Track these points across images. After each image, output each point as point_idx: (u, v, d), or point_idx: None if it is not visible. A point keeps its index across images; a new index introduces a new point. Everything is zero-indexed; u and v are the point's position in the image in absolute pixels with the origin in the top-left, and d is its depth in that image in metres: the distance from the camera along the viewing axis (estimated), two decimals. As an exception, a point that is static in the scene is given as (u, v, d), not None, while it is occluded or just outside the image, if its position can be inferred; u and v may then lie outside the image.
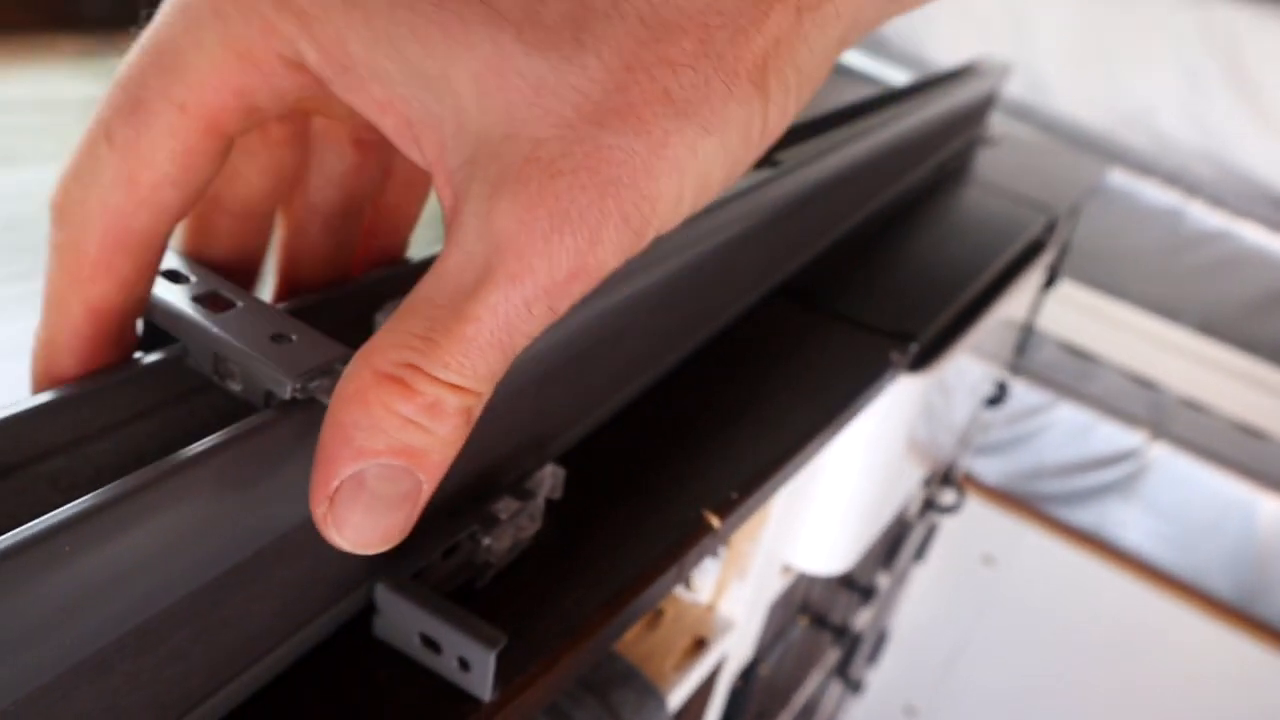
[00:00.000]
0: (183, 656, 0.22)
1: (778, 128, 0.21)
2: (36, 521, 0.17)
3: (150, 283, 0.22)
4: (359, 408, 0.19)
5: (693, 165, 0.20)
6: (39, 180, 0.51)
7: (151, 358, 0.23)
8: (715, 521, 0.36)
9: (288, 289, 0.29)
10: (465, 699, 0.26)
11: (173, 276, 0.24)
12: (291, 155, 0.26)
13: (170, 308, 0.23)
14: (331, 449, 0.19)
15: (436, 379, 0.19)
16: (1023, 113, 1.67)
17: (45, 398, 0.21)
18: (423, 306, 0.19)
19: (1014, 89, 1.65)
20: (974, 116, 1.04)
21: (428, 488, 0.20)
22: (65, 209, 0.20)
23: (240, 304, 0.23)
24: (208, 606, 0.22)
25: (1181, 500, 1.40)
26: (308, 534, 0.24)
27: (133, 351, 0.23)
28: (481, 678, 0.26)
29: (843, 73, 1.57)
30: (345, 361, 0.22)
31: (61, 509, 0.17)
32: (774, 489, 0.40)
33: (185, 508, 0.20)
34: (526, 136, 0.19)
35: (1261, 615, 1.39)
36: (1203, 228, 1.62)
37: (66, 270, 0.21)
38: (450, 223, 0.20)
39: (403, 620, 0.27)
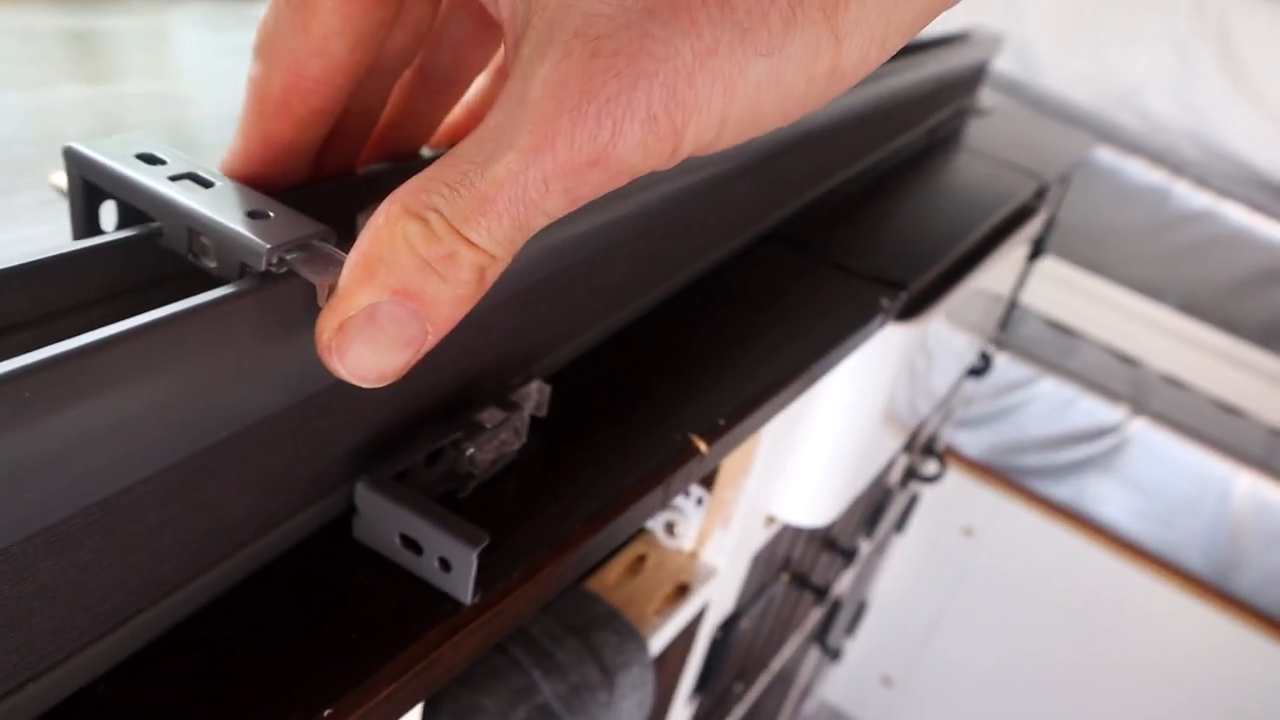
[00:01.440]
0: (153, 540, 0.21)
1: (852, 73, 0.20)
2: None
3: (322, 128, 0.25)
4: (385, 240, 0.19)
5: (740, 86, 0.19)
6: (16, 104, 0.50)
7: (123, 233, 0.22)
8: (702, 446, 0.35)
9: (384, 152, 0.30)
10: (445, 601, 0.26)
11: (149, 159, 0.23)
12: (428, 15, 0.26)
13: (144, 186, 0.22)
14: (351, 278, 0.19)
15: (455, 229, 0.19)
16: (1012, 88, 1.67)
17: (9, 273, 0.21)
18: (459, 159, 0.19)
19: (1003, 64, 1.64)
20: (966, 84, 1.03)
21: (431, 339, 0.20)
22: (259, 49, 0.23)
23: (218, 184, 0.23)
24: (178, 489, 0.21)
25: (1160, 476, 1.41)
26: (284, 424, 0.24)
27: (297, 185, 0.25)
28: (463, 579, 0.26)
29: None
30: (324, 238, 0.21)
31: (23, 356, 0.17)
32: (762, 420, 0.40)
33: (151, 373, 0.19)
34: (581, 9, 0.18)
35: (1234, 590, 1.41)
36: (1188, 207, 1.62)
37: (254, 103, 0.24)
38: (505, 83, 0.20)
39: (382, 520, 0.26)
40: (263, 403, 0.22)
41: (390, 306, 0.19)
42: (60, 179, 0.43)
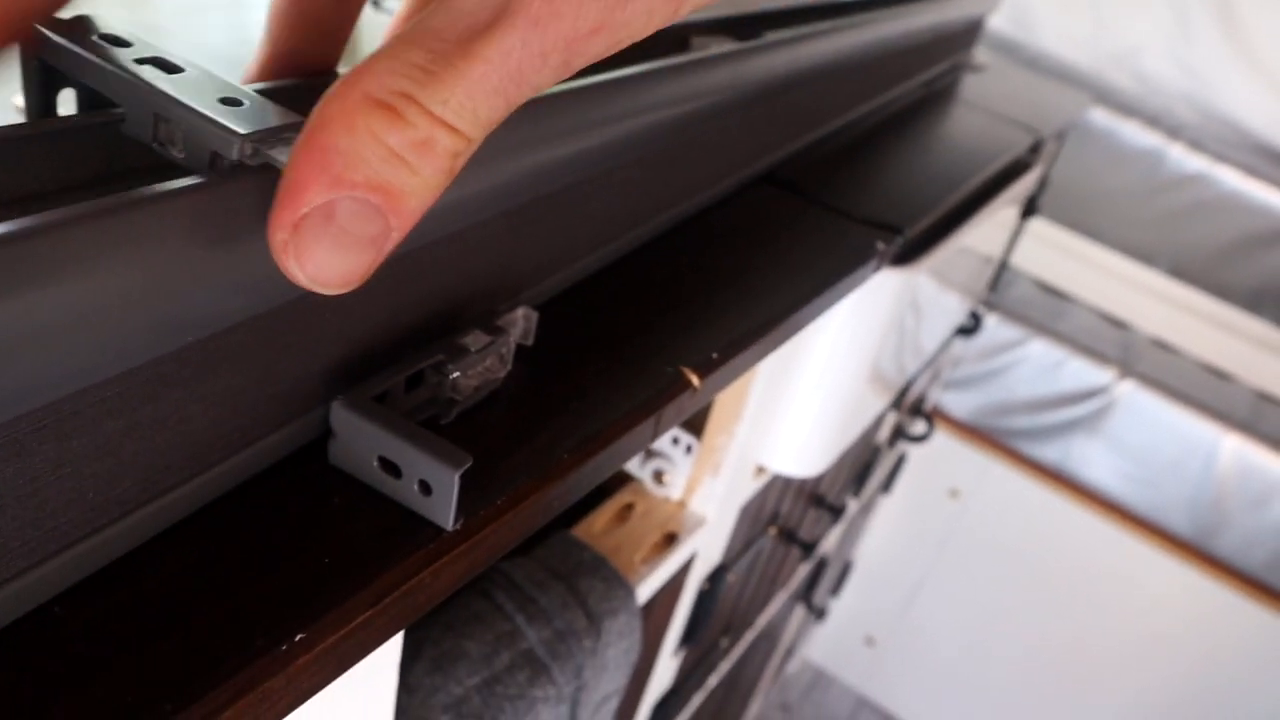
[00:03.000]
0: (112, 452, 0.20)
1: None
2: None
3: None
4: (343, 131, 0.17)
5: None
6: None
7: (81, 118, 0.21)
8: (695, 379, 0.34)
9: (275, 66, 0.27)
10: (426, 527, 0.25)
11: (113, 41, 0.21)
12: None
13: (107, 67, 0.20)
14: (303, 172, 0.17)
15: (432, 114, 0.17)
16: (1008, 48, 1.65)
17: None
18: (428, 38, 0.18)
19: (1000, 24, 1.62)
20: (963, 38, 1.01)
21: (396, 235, 0.18)
22: None
23: (189, 69, 0.21)
24: (139, 399, 0.20)
25: (1146, 438, 1.41)
26: (255, 335, 0.22)
27: None
28: (444, 503, 0.24)
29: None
30: (297, 128, 0.20)
31: None
32: (756, 357, 0.39)
33: (108, 265, 0.17)
34: None
35: (1216, 552, 1.41)
36: (1182, 170, 1.61)
37: None
38: None
39: (359, 442, 0.25)
40: (232, 307, 0.21)
41: (350, 202, 0.17)
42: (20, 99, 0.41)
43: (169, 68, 0.21)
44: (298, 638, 0.20)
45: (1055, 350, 1.44)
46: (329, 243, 0.18)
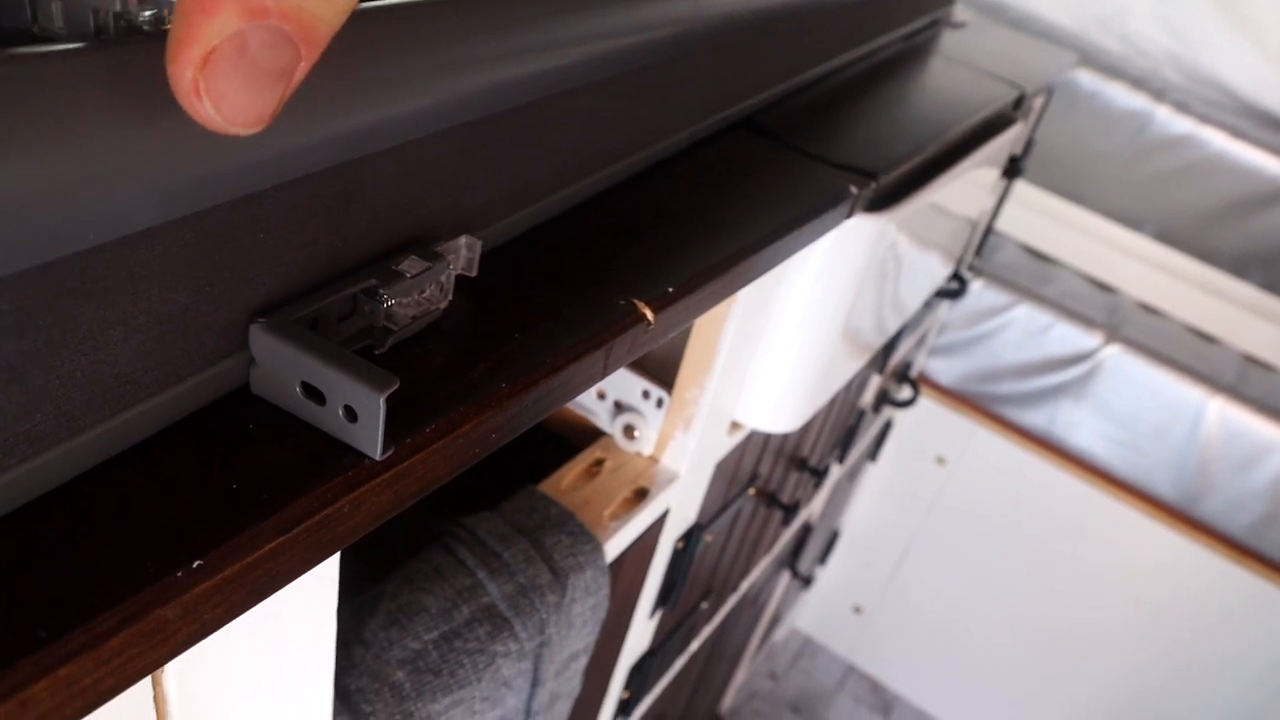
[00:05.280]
0: (19, 378, 0.18)
1: None
2: None
3: None
4: None
5: None
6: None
7: None
8: (649, 313, 0.32)
9: None
10: (349, 454, 0.23)
11: None
12: None
13: None
14: (205, 7, 0.16)
15: None
16: (993, 10, 1.62)
17: None
18: None
19: (986, -17, 1.60)
20: (944, -10, 0.99)
21: (305, 66, 0.17)
22: None
23: None
24: (46, 315, 0.18)
25: (1132, 402, 1.40)
26: (177, 252, 0.20)
27: None
28: (370, 430, 0.23)
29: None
30: None
31: None
32: (716, 294, 0.37)
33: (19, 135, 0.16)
34: None
35: (1201, 516, 1.41)
36: (1168, 133, 1.59)
37: None
38: None
39: (281, 367, 0.23)
40: (134, 207, 0.19)
41: (262, 31, 0.16)
42: None
43: None
44: (195, 564, 0.19)
45: (1042, 315, 1.43)
46: (242, 77, 0.16)
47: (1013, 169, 1.16)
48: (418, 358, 0.27)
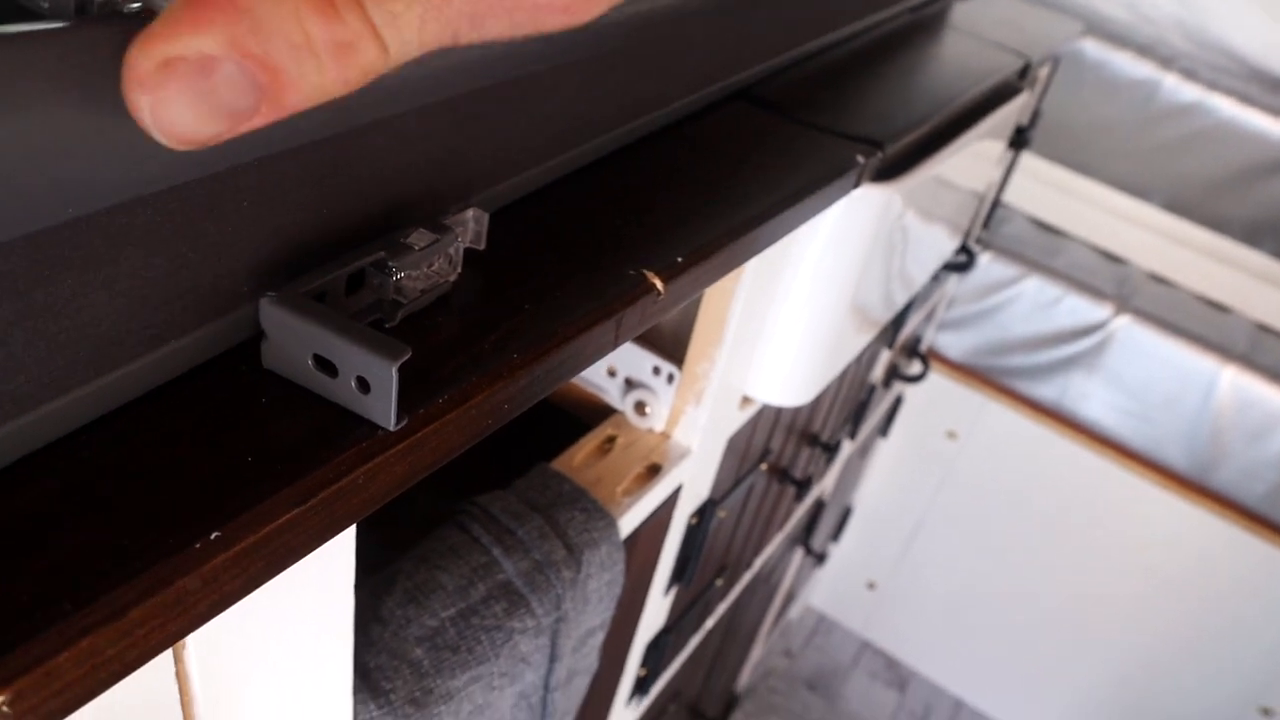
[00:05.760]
0: (6, 339, 0.18)
1: None
2: None
3: None
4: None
5: None
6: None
7: None
8: (658, 283, 0.32)
9: None
10: (362, 425, 0.23)
11: None
12: None
13: None
14: (201, 15, 0.15)
15: (372, 22, 0.16)
16: (998, -21, 1.61)
17: None
18: None
19: (990, -47, 1.58)
20: (949, -40, 0.98)
21: (258, 121, 0.17)
22: None
23: None
24: (25, 280, 0.18)
25: (1143, 373, 1.40)
26: (158, 219, 0.20)
27: None
28: (383, 400, 0.23)
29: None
30: None
31: None
32: (726, 264, 0.37)
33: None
34: None
35: (1214, 486, 1.41)
36: (1175, 100, 1.58)
37: None
38: None
39: (292, 340, 0.23)
40: (115, 178, 0.19)
41: (235, 68, 0.16)
42: None
43: None
44: (213, 535, 0.19)
45: (1051, 287, 1.42)
46: (192, 97, 0.16)
47: (1019, 140, 1.15)
48: (428, 330, 0.27)
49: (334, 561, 0.27)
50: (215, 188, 0.22)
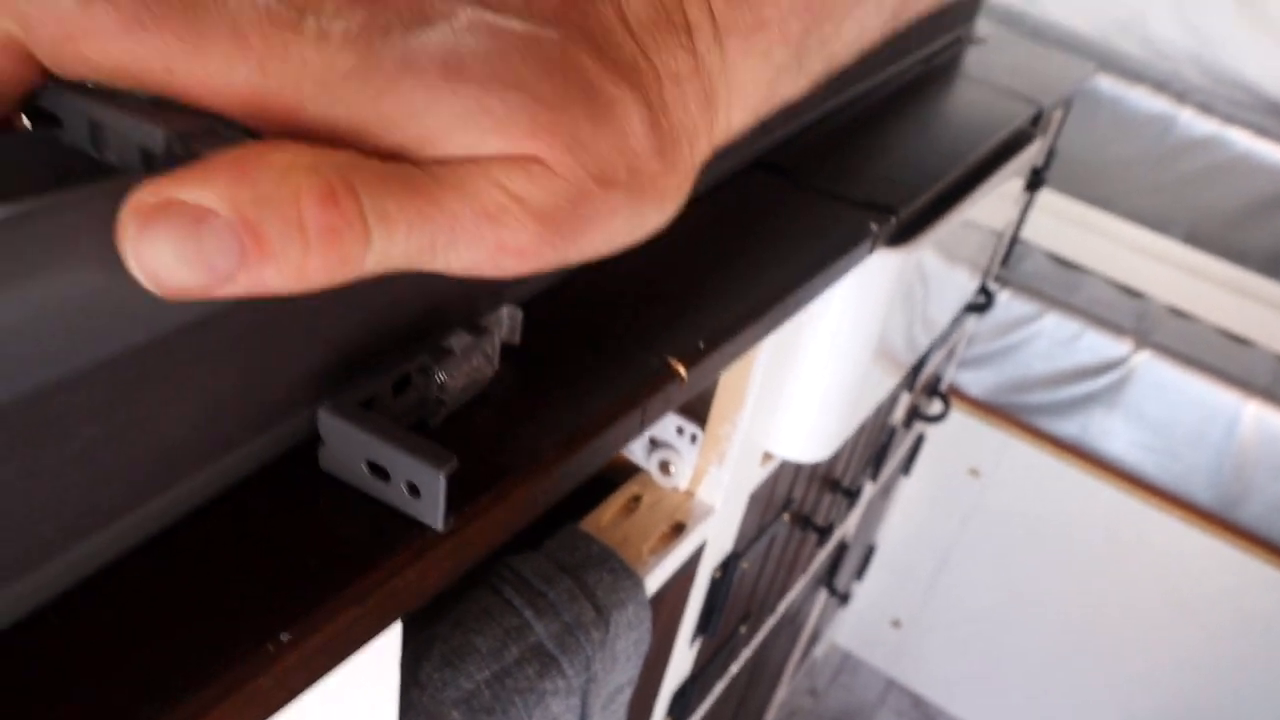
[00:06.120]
0: (92, 458, 0.21)
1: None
2: None
3: None
4: (274, 177, 0.17)
5: None
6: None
7: (19, 136, 0.21)
8: (681, 370, 0.34)
9: None
10: (414, 526, 0.25)
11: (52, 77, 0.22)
12: None
13: (52, 90, 0.21)
14: (211, 174, 0.17)
15: (365, 222, 0.18)
16: (1011, 19, 1.63)
17: None
18: (413, 155, 0.19)
19: (1002, -5, 1.61)
20: (964, 9, 1.01)
21: (232, 289, 0.17)
22: None
23: (114, 89, 0.21)
24: (112, 398, 0.20)
25: (1166, 409, 1.40)
26: (223, 337, 0.23)
27: None
28: (432, 503, 0.25)
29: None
30: (231, 126, 0.20)
31: None
32: (745, 345, 0.39)
33: (43, 264, 0.18)
34: None
35: (1240, 521, 1.40)
36: (1192, 134, 1.59)
37: None
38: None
39: (348, 446, 0.25)
40: (188, 307, 0.21)
41: (224, 227, 0.16)
42: None
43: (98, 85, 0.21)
44: (283, 638, 0.21)
45: (1070, 323, 1.43)
46: (177, 240, 0.16)
47: (1035, 181, 1.17)
48: (469, 428, 0.29)
49: (382, 643, 0.29)
50: (271, 309, 0.24)
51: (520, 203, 0.19)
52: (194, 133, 0.19)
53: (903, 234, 0.57)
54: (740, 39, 0.22)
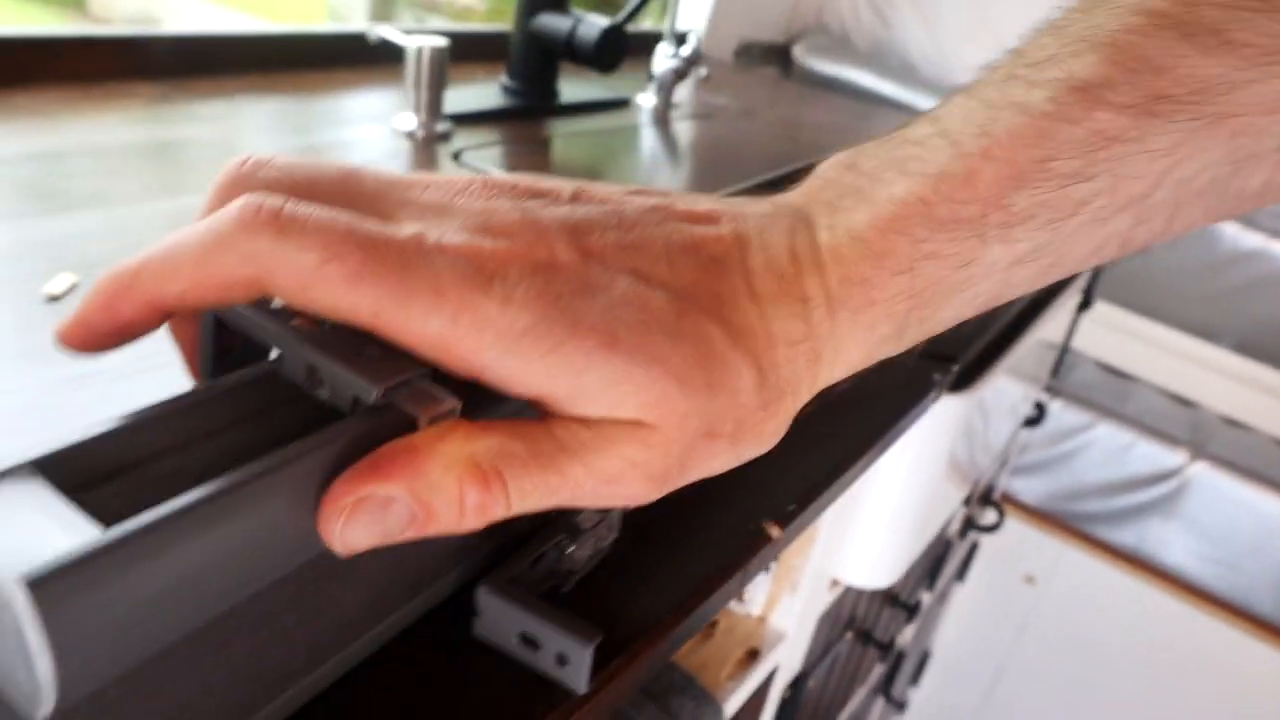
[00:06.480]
0: (287, 638, 0.25)
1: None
2: (171, 504, 0.20)
3: (151, 328, 0.24)
4: (440, 466, 0.22)
5: None
6: (125, 217, 0.55)
7: (249, 371, 0.26)
8: (775, 532, 0.38)
9: None
10: (559, 691, 0.29)
11: (265, 304, 0.27)
12: None
13: (270, 327, 0.26)
14: (391, 471, 0.22)
15: (509, 497, 0.23)
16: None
17: (161, 407, 0.24)
18: (538, 439, 0.23)
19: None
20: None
21: (402, 537, 0.22)
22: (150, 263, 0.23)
23: (325, 325, 0.27)
24: (308, 591, 0.25)
25: (1223, 519, 1.40)
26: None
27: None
28: (578, 671, 0.29)
29: (873, 99, 1.60)
30: (425, 377, 0.25)
31: (184, 496, 0.20)
32: (828, 502, 0.43)
33: (285, 496, 0.22)
34: None
35: (1308, 634, 1.39)
36: (1238, 247, 1.62)
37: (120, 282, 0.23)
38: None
39: (503, 620, 0.30)
40: None
41: (404, 509, 0.22)
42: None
43: (312, 323, 0.26)
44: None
45: (1123, 433, 1.45)
46: (369, 525, 0.22)
47: (1085, 301, 1.20)
48: (596, 594, 0.33)
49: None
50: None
51: (635, 467, 0.24)
52: (396, 384, 0.24)
53: (963, 379, 0.61)
54: (849, 314, 0.26)
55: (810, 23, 1.79)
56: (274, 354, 0.27)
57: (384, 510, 0.22)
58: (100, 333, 0.23)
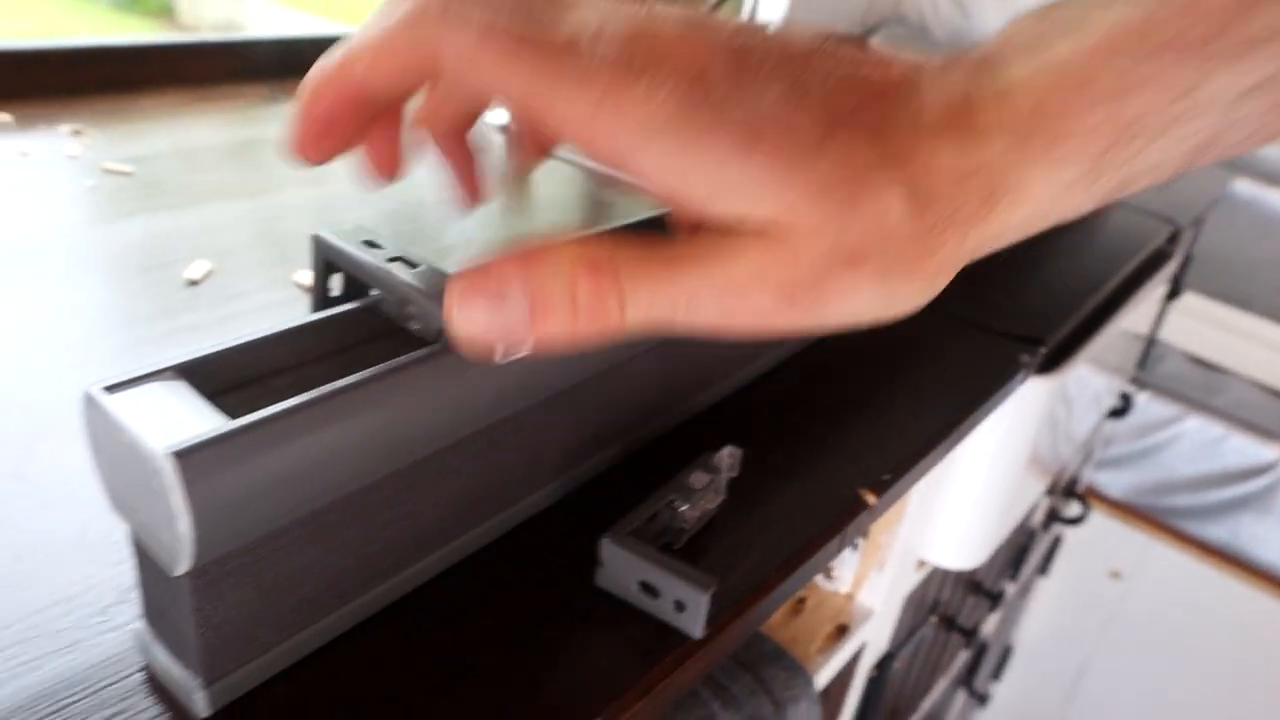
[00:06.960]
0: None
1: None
2: (289, 401, 0.24)
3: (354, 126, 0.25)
4: (556, 259, 0.23)
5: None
6: (231, 212, 0.60)
7: (353, 305, 0.30)
8: (871, 499, 0.40)
9: None
10: (675, 634, 0.32)
11: (371, 244, 0.30)
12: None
13: (373, 266, 0.29)
14: (509, 262, 0.23)
15: (621, 290, 0.23)
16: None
17: (277, 331, 0.28)
18: (660, 244, 0.23)
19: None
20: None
21: (522, 350, 0.23)
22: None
23: (421, 265, 0.30)
24: (389, 500, 0.29)
25: (1321, 514, 1.36)
26: (485, 440, 0.31)
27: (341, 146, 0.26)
28: (695, 617, 0.31)
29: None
30: None
31: (299, 397, 0.25)
32: (921, 473, 0.45)
33: (380, 406, 0.26)
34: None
35: None
36: (1337, 235, 1.57)
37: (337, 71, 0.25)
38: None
39: (625, 570, 0.32)
40: (453, 427, 0.29)
41: (520, 296, 0.22)
42: (301, 277, 0.52)
43: (409, 263, 0.29)
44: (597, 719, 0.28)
45: (1214, 426, 1.42)
46: (486, 307, 0.23)
47: (1174, 290, 1.19)
48: (705, 551, 0.36)
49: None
50: (499, 422, 0.32)
51: (760, 276, 0.23)
52: None
53: (1050, 362, 0.62)
54: (1038, 147, 0.23)
55: (888, 13, 1.78)
56: (373, 292, 0.31)
57: (500, 298, 0.23)
58: (316, 127, 0.25)
